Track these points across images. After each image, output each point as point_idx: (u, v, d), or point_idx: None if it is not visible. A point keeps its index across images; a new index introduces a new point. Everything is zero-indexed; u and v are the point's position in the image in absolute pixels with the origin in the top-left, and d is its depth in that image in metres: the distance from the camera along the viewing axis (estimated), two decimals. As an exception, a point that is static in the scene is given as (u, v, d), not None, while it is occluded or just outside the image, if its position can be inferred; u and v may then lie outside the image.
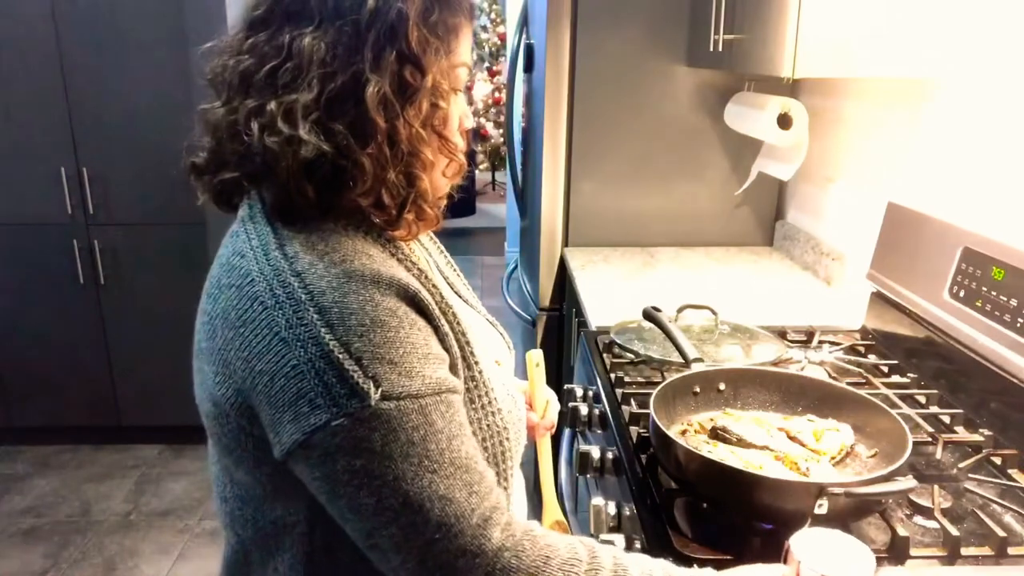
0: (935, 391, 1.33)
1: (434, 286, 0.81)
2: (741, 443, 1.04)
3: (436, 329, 0.77)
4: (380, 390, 0.69)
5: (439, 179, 0.86)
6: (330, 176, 0.74)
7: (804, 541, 0.80)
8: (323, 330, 0.69)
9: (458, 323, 0.82)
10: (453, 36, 0.80)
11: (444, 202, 0.91)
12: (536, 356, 1.14)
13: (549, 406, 1.16)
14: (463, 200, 6.86)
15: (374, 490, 0.69)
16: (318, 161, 0.73)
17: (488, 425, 0.82)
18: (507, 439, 0.84)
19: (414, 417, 0.71)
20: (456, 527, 0.71)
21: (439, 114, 0.79)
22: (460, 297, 1.03)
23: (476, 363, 0.82)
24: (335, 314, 0.70)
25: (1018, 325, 1.17)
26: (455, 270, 1.07)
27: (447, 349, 0.78)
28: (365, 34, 0.73)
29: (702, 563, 0.90)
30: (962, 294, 1.30)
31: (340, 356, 0.69)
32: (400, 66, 0.75)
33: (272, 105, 0.73)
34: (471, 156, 0.97)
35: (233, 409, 0.74)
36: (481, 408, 0.82)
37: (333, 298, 0.71)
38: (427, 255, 1.02)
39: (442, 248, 1.08)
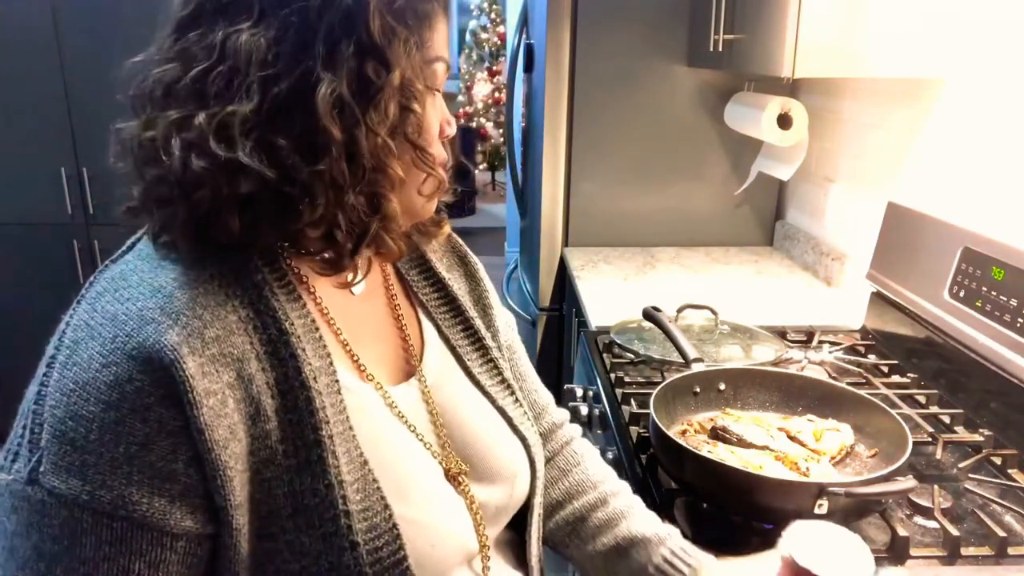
0: (935, 391, 1.33)
1: (292, 355, 0.61)
2: (741, 443, 1.04)
3: (189, 422, 0.55)
4: (37, 470, 0.55)
5: (414, 199, 0.69)
6: (268, 205, 0.59)
7: (797, 536, 0.77)
8: (44, 371, 0.58)
9: (311, 413, 0.60)
10: (425, 25, 0.65)
11: (407, 226, 0.73)
12: None
13: None
14: (463, 200, 6.86)
15: None
16: (259, 191, 0.58)
17: (329, 564, 0.59)
18: None
19: (55, 527, 0.55)
20: None
21: (412, 120, 0.64)
22: (470, 376, 0.80)
23: (324, 471, 0.59)
24: (63, 358, 0.57)
25: (1018, 325, 1.17)
26: (479, 341, 0.82)
27: (204, 451, 0.55)
28: (316, 24, 0.58)
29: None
30: (962, 294, 1.30)
31: (35, 409, 0.57)
32: (360, 61, 0.59)
33: (201, 118, 0.58)
34: (462, 171, 0.89)
35: None
36: (321, 539, 0.59)
37: (74, 337, 0.58)
38: (422, 315, 0.80)
39: (466, 309, 0.83)
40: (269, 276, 0.63)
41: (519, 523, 0.82)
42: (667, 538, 0.84)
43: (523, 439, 0.80)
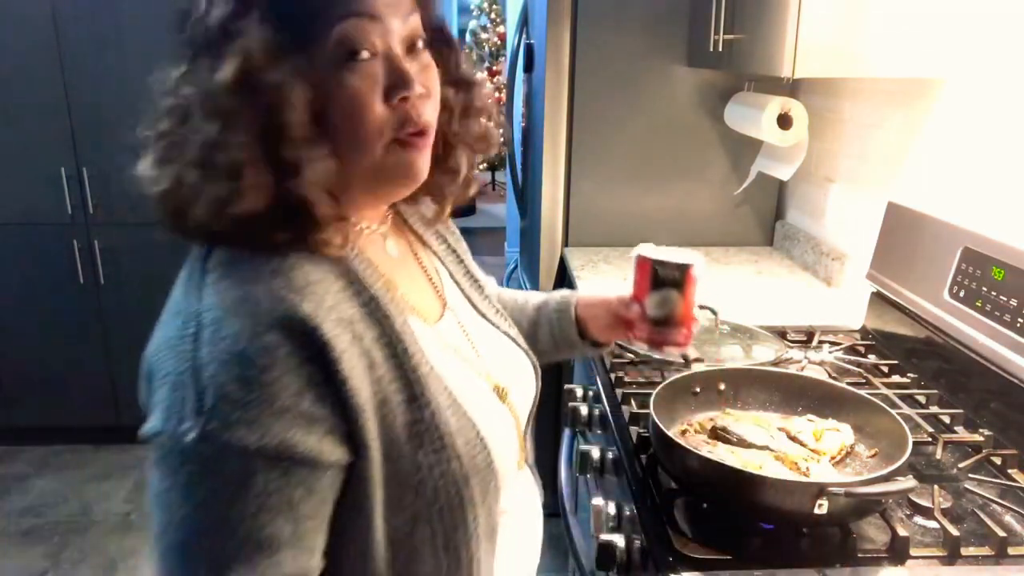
0: (935, 391, 1.33)
1: (384, 316, 0.73)
2: (741, 443, 1.04)
3: (332, 373, 0.66)
4: (207, 429, 0.64)
5: (361, 179, 0.74)
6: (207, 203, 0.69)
7: (643, 247, 1.04)
8: (191, 347, 0.66)
9: (408, 359, 0.73)
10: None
11: (408, 191, 0.80)
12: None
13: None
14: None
15: (164, 518, 0.67)
16: (168, 194, 0.70)
17: (441, 473, 0.73)
18: (467, 487, 0.75)
19: (230, 472, 0.64)
20: None
21: (336, 106, 0.69)
22: (478, 311, 0.93)
23: (427, 403, 0.73)
24: (208, 334, 0.65)
25: (1018, 325, 1.17)
26: (476, 282, 0.96)
27: (346, 397, 0.67)
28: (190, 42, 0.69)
29: (702, 563, 0.90)
30: (962, 294, 1.30)
31: (191, 378, 0.65)
32: (210, 64, 0.67)
33: (161, 143, 0.73)
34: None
35: None
36: (432, 453, 0.73)
37: (214, 316, 0.66)
38: (437, 265, 0.92)
39: (462, 256, 0.97)
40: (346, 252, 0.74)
41: None
42: (553, 295, 1.13)
43: (526, 352, 0.96)
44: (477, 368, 0.85)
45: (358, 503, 0.71)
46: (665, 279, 1.00)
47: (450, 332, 0.85)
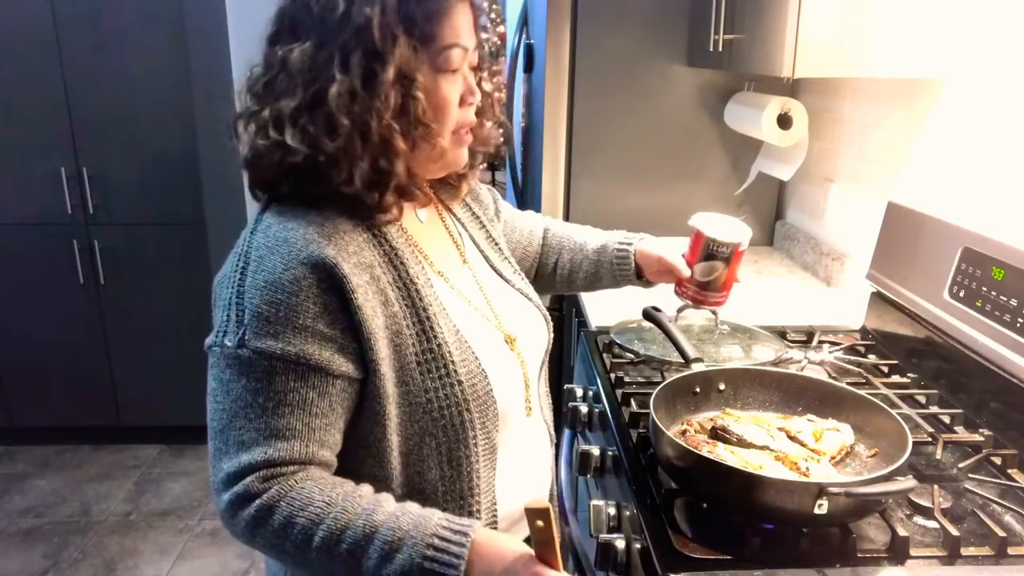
0: (935, 391, 1.33)
1: (401, 263, 0.90)
2: (741, 443, 1.04)
3: (347, 303, 0.83)
4: (243, 339, 0.82)
5: (424, 164, 0.94)
6: (311, 170, 0.85)
7: (702, 215, 1.19)
8: (239, 275, 0.84)
9: (420, 299, 0.90)
10: (434, 21, 0.86)
11: (442, 174, 1.00)
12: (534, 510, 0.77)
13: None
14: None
15: (211, 407, 0.85)
16: (302, 161, 0.84)
17: (445, 395, 0.89)
18: (467, 410, 0.90)
19: (259, 371, 0.82)
20: (241, 469, 0.82)
21: (415, 104, 0.86)
22: (495, 270, 1.08)
23: (435, 336, 0.89)
24: (253, 266, 0.84)
25: (1018, 325, 1.17)
26: (496, 245, 1.12)
27: (358, 323, 0.83)
28: (336, 39, 0.83)
29: (702, 563, 0.90)
30: (962, 294, 1.30)
31: (237, 300, 0.83)
32: (367, 63, 0.83)
33: (266, 112, 0.85)
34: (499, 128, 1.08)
35: None
36: (438, 379, 0.89)
37: (260, 254, 0.84)
38: (460, 229, 1.08)
39: (485, 224, 1.13)
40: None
41: None
42: (611, 238, 1.31)
43: (538, 307, 1.10)
44: (487, 316, 0.99)
45: (375, 416, 0.87)
46: (715, 253, 1.18)
47: (466, 285, 1.00)
